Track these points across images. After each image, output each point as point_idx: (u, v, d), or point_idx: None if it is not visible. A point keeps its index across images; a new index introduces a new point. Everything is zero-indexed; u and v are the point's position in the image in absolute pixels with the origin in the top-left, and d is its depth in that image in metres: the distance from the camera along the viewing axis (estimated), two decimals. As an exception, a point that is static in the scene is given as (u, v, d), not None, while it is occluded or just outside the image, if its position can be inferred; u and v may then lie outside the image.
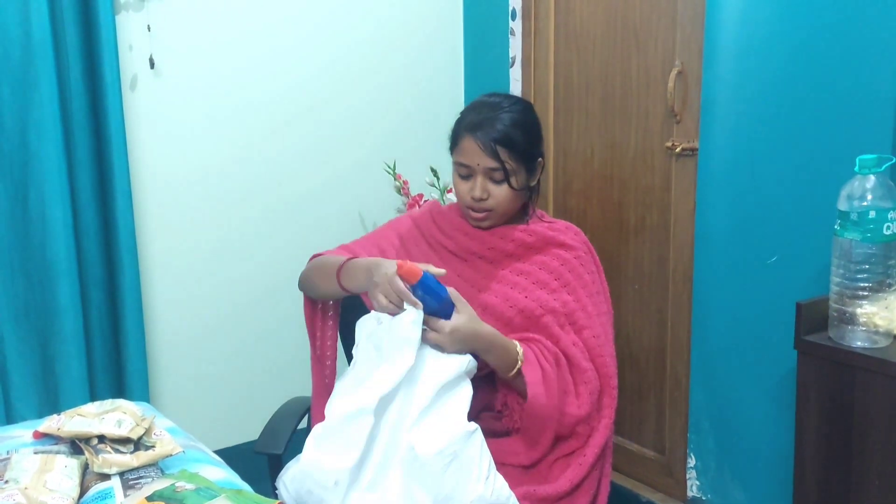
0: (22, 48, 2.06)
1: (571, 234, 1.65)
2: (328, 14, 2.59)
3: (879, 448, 1.44)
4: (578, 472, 1.49)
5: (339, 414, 1.38)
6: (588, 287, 1.61)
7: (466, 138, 1.57)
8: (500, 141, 1.53)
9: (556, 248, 1.62)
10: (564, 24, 2.51)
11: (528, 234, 1.61)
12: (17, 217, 2.13)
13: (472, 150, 1.55)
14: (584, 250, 1.65)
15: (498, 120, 1.55)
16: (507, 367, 1.47)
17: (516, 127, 1.55)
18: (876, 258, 1.44)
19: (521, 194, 1.60)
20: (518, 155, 1.55)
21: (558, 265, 1.60)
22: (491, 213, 1.59)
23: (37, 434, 1.43)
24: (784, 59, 1.78)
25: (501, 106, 1.58)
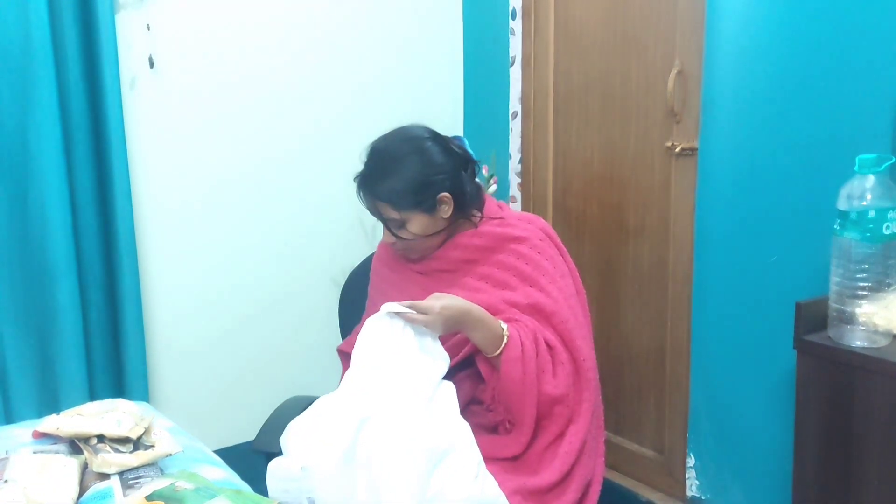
0: (21, 47, 2.05)
1: (524, 225, 1.66)
2: (328, 13, 2.59)
3: (879, 447, 1.44)
4: (566, 460, 1.49)
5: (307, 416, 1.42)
6: (549, 273, 1.60)
7: (360, 193, 1.62)
8: (381, 198, 1.58)
9: (510, 244, 1.62)
10: (564, 23, 2.51)
11: (478, 237, 1.63)
12: (17, 217, 2.12)
13: (367, 205, 1.62)
14: (539, 237, 1.64)
15: (378, 178, 1.58)
16: (492, 345, 1.48)
17: (396, 179, 1.56)
18: (875, 258, 1.44)
19: (435, 226, 1.60)
20: (407, 205, 1.57)
21: (514, 260, 1.60)
22: (411, 250, 1.63)
23: (36, 434, 1.43)
24: (784, 58, 1.78)
25: (383, 157, 1.60)
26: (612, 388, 2.49)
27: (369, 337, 1.45)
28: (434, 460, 1.34)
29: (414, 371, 1.42)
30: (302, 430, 1.41)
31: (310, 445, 1.38)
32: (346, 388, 1.44)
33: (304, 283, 2.66)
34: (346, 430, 1.36)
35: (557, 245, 1.68)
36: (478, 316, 1.48)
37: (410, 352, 1.43)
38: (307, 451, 1.37)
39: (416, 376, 1.41)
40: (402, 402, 1.38)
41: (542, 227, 1.68)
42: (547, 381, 1.50)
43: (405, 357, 1.43)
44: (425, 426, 1.37)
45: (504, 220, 1.66)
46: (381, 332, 1.44)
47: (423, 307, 1.44)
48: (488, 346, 1.49)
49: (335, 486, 1.35)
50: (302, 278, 2.65)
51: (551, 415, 1.50)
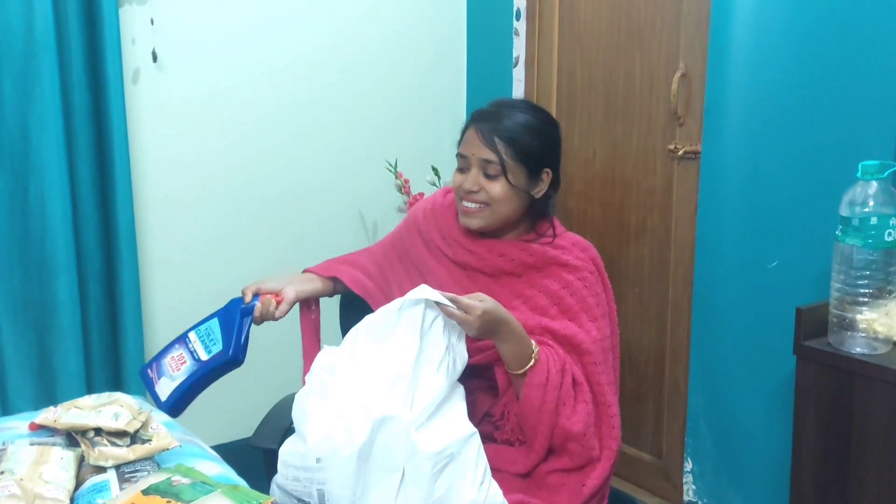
0: (24, 41, 2.05)
1: (577, 252, 1.57)
2: (332, 11, 2.59)
3: (878, 454, 1.44)
4: (576, 499, 1.46)
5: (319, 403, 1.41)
6: (591, 311, 1.54)
7: (470, 128, 1.54)
8: (501, 134, 1.49)
9: (557, 269, 1.54)
10: (568, 24, 2.51)
11: (527, 254, 1.54)
12: (17, 210, 2.12)
13: (472, 140, 1.52)
14: (589, 270, 1.56)
15: (507, 116, 1.51)
16: (518, 363, 1.43)
17: (524, 127, 1.51)
18: (877, 264, 1.44)
19: (520, 199, 1.53)
20: (518, 153, 1.50)
21: (559, 288, 1.53)
22: (482, 210, 1.52)
23: (33, 426, 1.43)
24: (788, 63, 1.78)
25: (516, 106, 1.55)
26: (611, 391, 2.49)
27: (397, 318, 1.41)
28: (440, 464, 1.34)
29: (434, 371, 1.40)
30: (320, 418, 1.40)
31: (328, 437, 1.37)
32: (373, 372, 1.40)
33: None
34: (365, 427, 1.35)
35: (604, 280, 1.61)
36: (513, 329, 1.42)
37: (435, 349, 1.41)
38: (325, 443, 1.37)
39: (435, 377, 1.39)
40: (417, 403, 1.37)
41: (592, 256, 1.60)
42: (565, 415, 1.45)
43: (429, 354, 1.40)
44: (433, 431, 1.36)
45: (558, 241, 1.57)
46: (411, 319, 1.40)
47: (465, 305, 1.38)
48: (514, 363, 1.44)
49: (348, 482, 1.35)
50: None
51: (565, 449, 1.47)
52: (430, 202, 1.71)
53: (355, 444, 1.34)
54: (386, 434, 1.35)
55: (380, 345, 1.42)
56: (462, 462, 1.35)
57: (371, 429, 1.34)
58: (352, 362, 1.44)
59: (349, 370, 1.43)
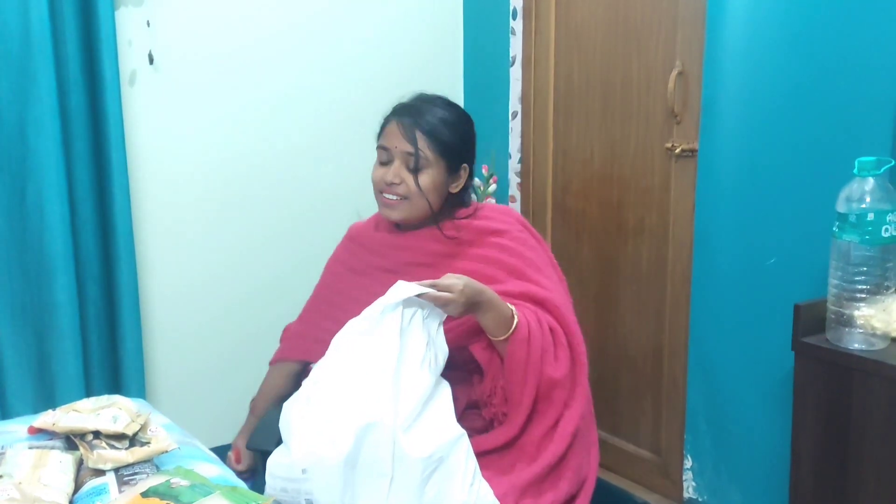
0: (21, 42, 2.05)
1: (501, 217, 1.64)
2: (328, 12, 2.59)
3: (876, 450, 1.44)
4: (561, 444, 1.47)
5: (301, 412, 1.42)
6: (534, 264, 1.59)
7: (391, 122, 1.60)
8: (423, 128, 1.55)
9: (490, 237, 1.60)
10: (565, 23, 2.51)
11: (456, 230, 1.60)
12: (15, 212, 2.12)
13: (394, 133, 1.57)
14: (518, 229, 1.63)
15: (427, 111, 1.58)
16: (502, 328, 1.46)
17: (444, 123, 1.57)
18: (874, 261, 1.44)
19: (438, 193, 1.58)
20: (438, 147, 1.55)
21: (497, 253, 1.58)
22: (402, 203, 1.57)
23: (32, 429, 1.43)
24: (784, 61, 1.78)
25: (434, 102, 1.62)
26: (610, 389, 2.49)
27: (379, 322, 1.41)
28: (430, 468, 1.34)
29: (418, 369, 1.40)
30: (304, 428, 1.40)
31: (313, 448, 1.37)
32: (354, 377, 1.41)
33: (303, 281, 2.65)
34: (349, 435, 1.35)
35: (535, 235, 1.67)
36: (490, 297, 1.45)
37: (417, 345, 1.41)
38: (310, 453, 1.37)
39: (419, 375, 1.40)
40: (402, 405, 1.37)
41: (517, 218, 1.67)
42: (549, 364, 1.48)
43: (411, 352, 1.41)
44: (421, 434, 1.36)
45: (480, 212, 1.63)
46: (393, 320, 1.40)
47: (445, 285, 1.40)
48: (498, 329, 1.46)
49: (335, 491, 1.35)
50: (301, 275, 2.64)
51: (550, 398, 1.48)
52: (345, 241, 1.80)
53: (340, 453, 1.34)
54: (371, 440, 1.35)
55: (362, 350, 1.43)
56: (451, 465, 1.35)
57: (356, 436, 1.34)
58: (334, 370, 1.44)
59: (332, 378, 1.43)
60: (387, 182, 1.57)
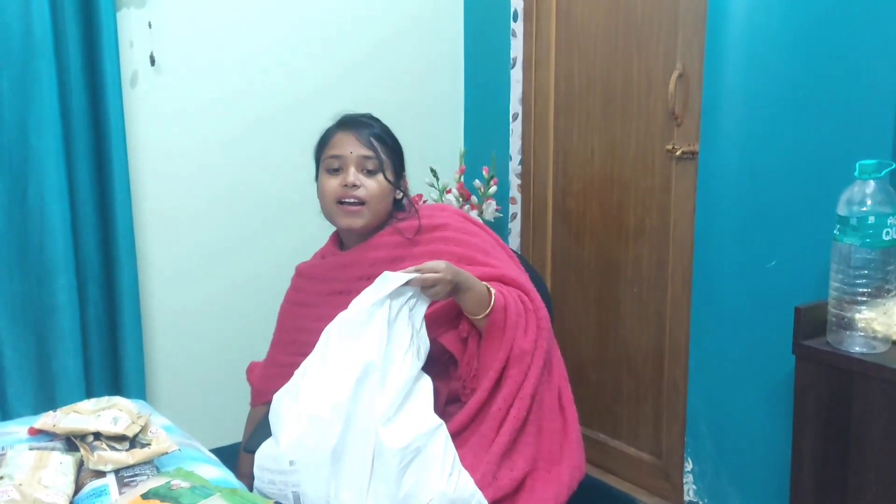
0: (22, 43, 2.05)
1: (438, 212, 1.69)
2: (329, 13, 2.59)
3: (877, 454, 1.44)
4: (521, 408, 1.49)
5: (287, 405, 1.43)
6: (481, 248, 1.63)
7: (339, 133, 1.66)
8: (377, 136, 1.64)
9: (432, 233, 1.63)
10: (566, 25, 2.51)
11: (397, 232, 1.64)
12: (16, 212, 2.12)
13: (346, 141, 1.63)
14: (457, 220, 1.67)
15: (371, 123, 1.68)
16: (482, 305, 1.49)
17: (386, 132, 1.69)
18: (875, 264, 1.44)
19: (389, 198, 1.65)
20: (389, 152, 1.65)
21: (443, 246, 1.61)
22: (361, 209, 1.62)
23: (32, 430, 1.43)
24: (785, 63, 1.78)
25: (367, 115, 1.72)
26: (611, 391, 2.49)
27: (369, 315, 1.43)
28: (407, 459, 1.34)
29: (401, 361, 1.41)
30: (292, 420, 1.41)
31: (300, 439, 1.38)
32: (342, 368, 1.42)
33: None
34: (336, 427, 1.36)
35: (475, 222, 1.72)
36: (468, 276, 1.50)
37: (402, 338, 1.43)
38: (297, 445, 1.38)
39: (402, 368, 1.41)
40: (385, 397, 1.38)
41: (454, 210, 1.72)
42: (521, 330, 1.52)
43: (396, 345, 1.42)
44: (398, 425, 1.36)
45: (417, 214, 1.67)
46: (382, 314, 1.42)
47: (429, 268, 1.44)
48: (479, 307, 1.50)
49: (322, 483, 1.36)
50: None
51: (518, 366, 1.51)
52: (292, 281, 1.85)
53: (328, 445, 1.36)
54: (356, 432, 1.36)
55: (350, 342, 1.44)
56: (429, 455, 1.36)
57: (342, 429, 1.36)
58: (323, 362, 1.46)
59: (320, 371, 1.45)
60: (347, 185, 1.61)
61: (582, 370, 2.57)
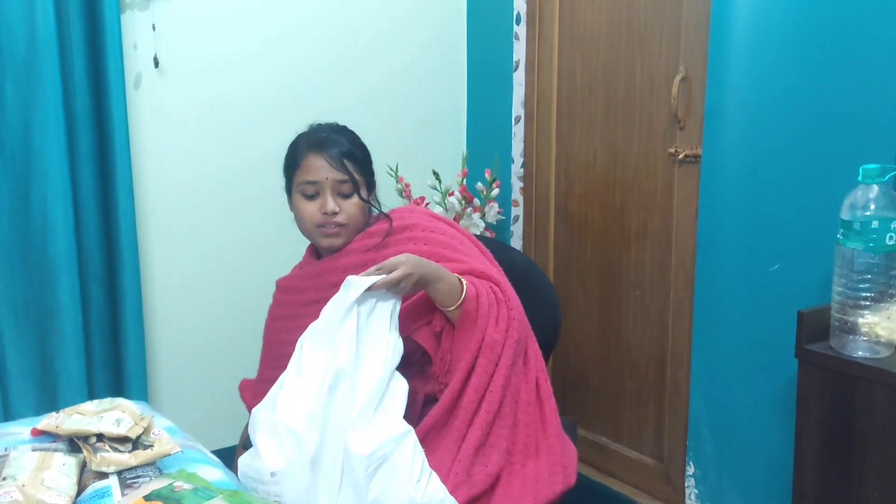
0: (27, 45, 2.06)
1: (406, 214, 1.70)
2: (333, 16, 2.59)
3: (879, 458, 1.43)
4: (493, 401, 1.47)
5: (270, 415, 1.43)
6: (449, 245, 1.63)
7: (311, 156, 1.65)
8: (347, 155, 1.63)
9: (402, 234, 1.64)
10: (569, 28, 2.52)
11: (368, 237, 1.65)
12: (19, 214, 2.13)
13: (319, 166, 1.63)
14: (426, 220, 1.68)
15: (338, 140, 1.66)
16: (453, 297, 1.49)
17: (355, 145, 1.68)
18: (878, 268, 1.44)
19: (366, 209, 1.66)
20: (362, 168, 1.65)
21: (413, 247, 1.61)
22: (343, 229, 1.65)
23: (35, 431, 1.43)
24: (789, 67, 1.78)
25: (335, 129, 1.70)
26: (613, 394, 2.49)
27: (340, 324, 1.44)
28: (373, 465, 1.34)
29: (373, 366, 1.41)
30: (271, 432, 1.42)
31: (280, 451, 1.39)
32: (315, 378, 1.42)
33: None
34: (313, 438, 1.37)
35: (447, 221, 1.72)
36: (436, 268, 1.50)
37: (374, 342, 1.43)
38: (278, 456, 1.38)
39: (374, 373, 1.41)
40: (357, 403, 1.38)
41: (425, 211, 1.74)
42: (493, 318, 1.51)
43: (368, 350, 1.43)
44: (366, 432, 1.36)
45: (388, 217, 1.68)
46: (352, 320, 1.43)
47: (389, 265, 1.44)
48: (450, 298, 1.49)
49: (301, 493, 1.37)
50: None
51: (488, 356, 1.50)
52: (274, 297, 1.83)
53: (306, 456, 1.36)
54: (331, 441, 1.37)
55: (322, 351, 1.45)
56: (396, 462, 1.35)
57: (318, 438, 1.36)
58: (297, 374, 1.46)
59: (295, 382, 1.45)
60: (328, 212, 1.63)
61: (584, 373, 2.57)
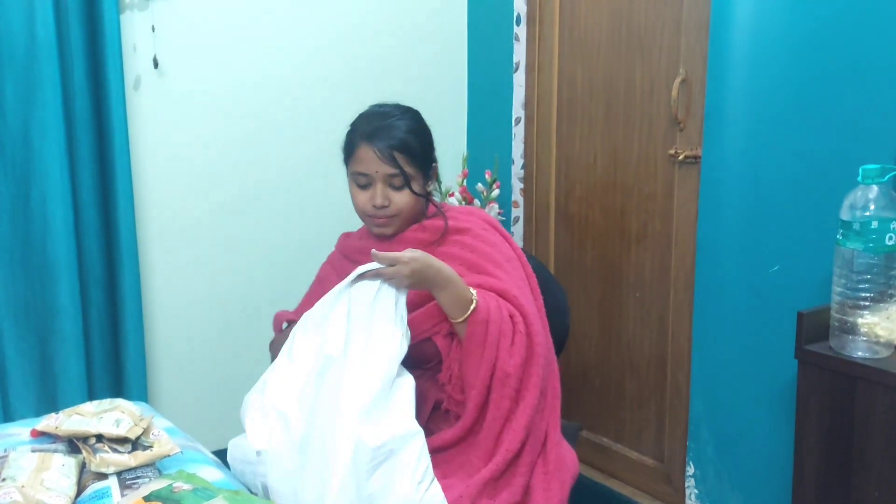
0: (26, 47, 2.06)
1: (465, 217, 1.67)
2: (333, 17, 2.60)
3: (879, 459, 1.43)
4: (514, 440, 1.44)
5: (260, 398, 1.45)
6: (495, 259, 1.60)
7: (362, 147, 1.60)
8: (398, 147, 1.58)
9: (454, 236, 1.63)
10: (569, 30, 2.52)
11: (422, 231, 1.63)
12: (19, 215, 2.13)
13: (370, 159, 1.58)
14: (481, 227, 1.65)
15: (393, 127, 1.60)
16: (459, 308, 1.47)
17: (411, 133, 1.61)
18: (878, 268, 1.43)
19: (421, 199, 1.63)
20: (415, 160, 1.60)
21: (459, 251, 1.60)
22: (393, 220, 1.61)
23: (34, 432, 1.43)
24: (788, 68, 1.78)
25: (393, 114, 1.64)
26: (613, 396, 2.49)
27: (331, 307, 1.44)
28: (378, 459, 1.34)
29: (377, 357, 1.41)
30: (260, 412, 1.44)
31: (267, 430, 1.39)
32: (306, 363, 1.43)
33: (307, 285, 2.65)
34: (300, 420, 1.37)
35: (501, 232, 1.69)
36: (448, 276, 1.47)
37: (379, 328, 1.43)
38: (264, 435, 1.39)
39: (377, 364, 1.40)
40: (359, 393, 1.37)
41: (483, 217, 1.69)
42: (504, 350, 1.47)
43: (371, 336, 1.42)
44: (378, 423, 1.36)
45: (449, 214, 1.67)
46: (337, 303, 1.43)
47: (391, 258, 1.42)
48: (455, 310, 1.47)
49: (286, 476, 1.37)
50: (304, 279, 2.64)
51: (502, 388, 1.47)
52: (335, 248, 1.83)
53: (293, 439, 1.37)
54: (319, 426, 1.36)
55: (313, 337, 1.45)
56: (402, 460, 1.35)
57: (306, 422, 1.37)
58: (289, 358, 1.47)
59: (286, 367, 1.47)
60: (376, 206, 1.60)
61: (585, 374, 2.57)
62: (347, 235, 1.83)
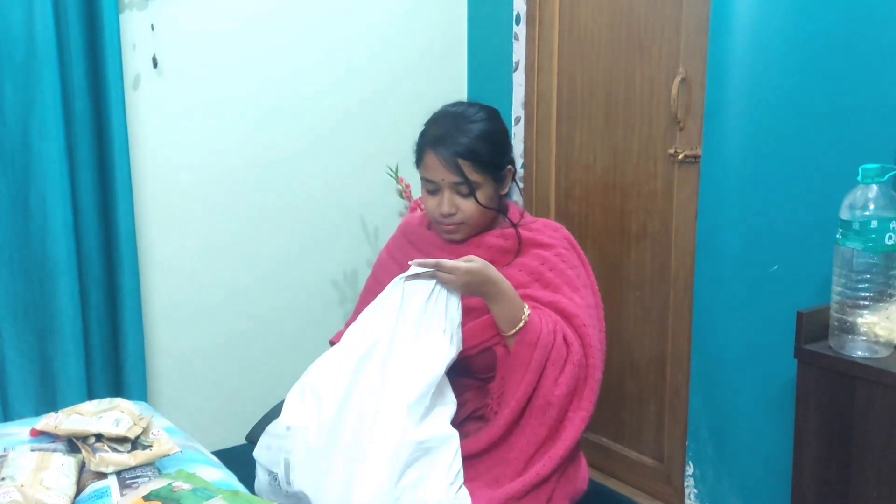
0: (25, 46, 2.05)
1: (549, 232, 1.63)
2: (332, 17, 2.60)
3: (879, 458, 1.43)
4: (547, 466, 1.44)
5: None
6: (572, 282, 1.57)
7: (429, 154, 1.56)
8: (463, 155, 1.52)
9: (535, 249, 1.60)
10: (569, 29, 2.52)
11: (503, 239, 1.60)
12: (18, 215, 2.13)
13: (436, 166, 1.54)
14: (564, 246, 1.62)
15: (461, 133, 1.54)
16: (510, 322, 1.46)
17: (479, 139, 1.54)
18: (877, 268, 1.44)
19: (493, 204, 1.59)
20: (482, 167, 1.54)
21: (538, 265, 1.57)
22: (461, 227, 1.58)
23: (34, 432, 1.43)
24: (788, 67, 1.78)
25: (464, 116, 1.58)
26: (613, 396, 2.48)
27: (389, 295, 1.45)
28: (416, 454, 1.34)
29: (426, 355, 1.41)
30: (298, 390, 1.45)
31: (300, 408, 1.40)
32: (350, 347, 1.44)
33: (305, 285, 2.66)
34: (336, 399, 1.38)
35: (580, 256, 1.66)
36: (502, 289, 1.45)
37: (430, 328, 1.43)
38: (296, 412, 1.40)
39: (427, 362, 1.41)
40: (406, 387, 1.38)
41: (566, 235, 1.66)
42: (549, 378, 1.45)
43: (420, 334, 1.43)
44: (421, 420, 1.36)
45: (530, 225, 1.64)
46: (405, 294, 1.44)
47: (449, 267, 1.41)
48: (505, 323, 1.46)
49: (311, 454, 1.37)
50: (302, 280, 2.65)
51: (542, 416, 1.46)
52: (397, 234, 1.77)
53: (324, 418, 1.37)
54: (352, 410, 1.37)
55: (363, 322, 1.47)
56: (438, 458, 1.36)
57: (339, 404, 1.37)
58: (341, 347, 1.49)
59: (335, 350, 1.49)
60: (443, 214, 1.57)
61: (583, 374, 2.57)
62: (411, 221, 1.77)
